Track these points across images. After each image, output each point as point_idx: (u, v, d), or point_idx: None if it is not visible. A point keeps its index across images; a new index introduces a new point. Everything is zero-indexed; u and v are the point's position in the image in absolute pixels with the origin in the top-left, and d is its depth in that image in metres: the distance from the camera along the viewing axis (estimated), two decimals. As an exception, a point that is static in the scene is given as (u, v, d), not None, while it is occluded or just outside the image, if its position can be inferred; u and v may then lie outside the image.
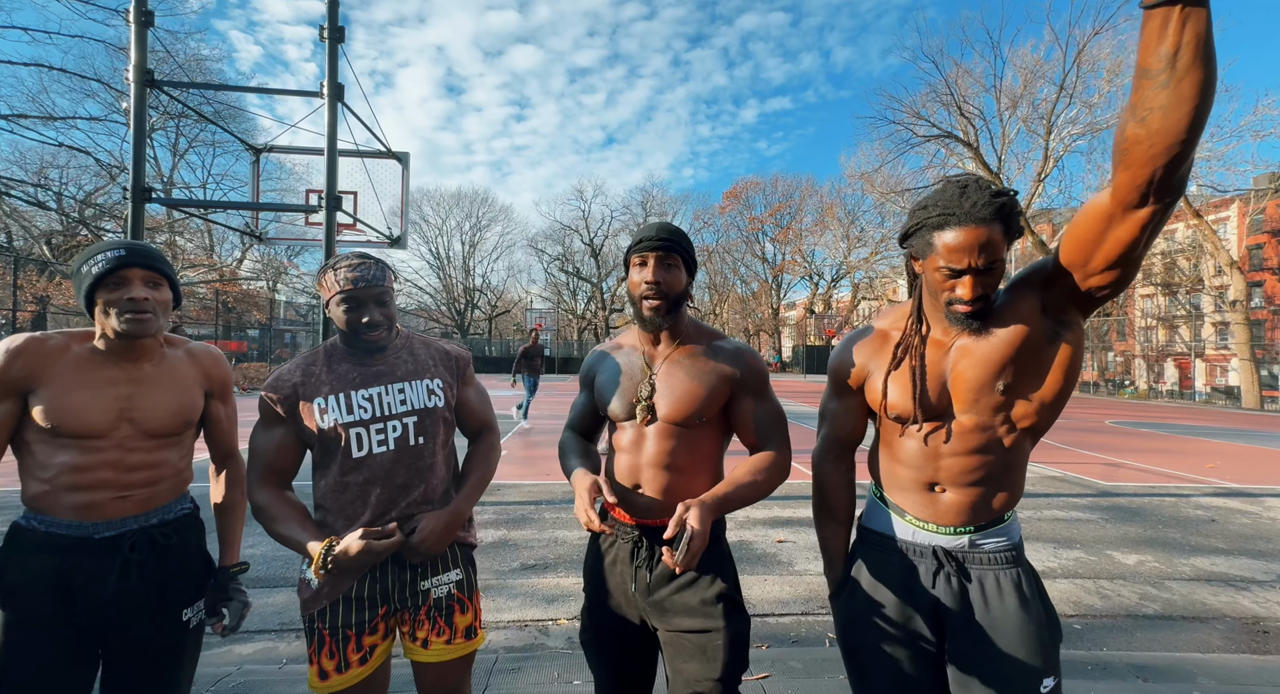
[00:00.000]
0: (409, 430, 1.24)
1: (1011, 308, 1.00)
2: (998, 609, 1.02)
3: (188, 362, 1.30)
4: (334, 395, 1.21)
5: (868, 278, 38.52)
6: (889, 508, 1.15)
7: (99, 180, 18.99)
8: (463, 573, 1.30)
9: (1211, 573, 3.45)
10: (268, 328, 26.44)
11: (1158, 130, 0.73)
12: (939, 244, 0.98)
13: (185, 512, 1.29)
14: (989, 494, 1.05)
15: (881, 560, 1.14)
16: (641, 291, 1.22)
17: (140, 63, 4.51)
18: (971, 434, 1.03)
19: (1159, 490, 5.63)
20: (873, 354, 1.16)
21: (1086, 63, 21.06)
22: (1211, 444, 9.19)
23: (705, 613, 1.17)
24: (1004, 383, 0.99)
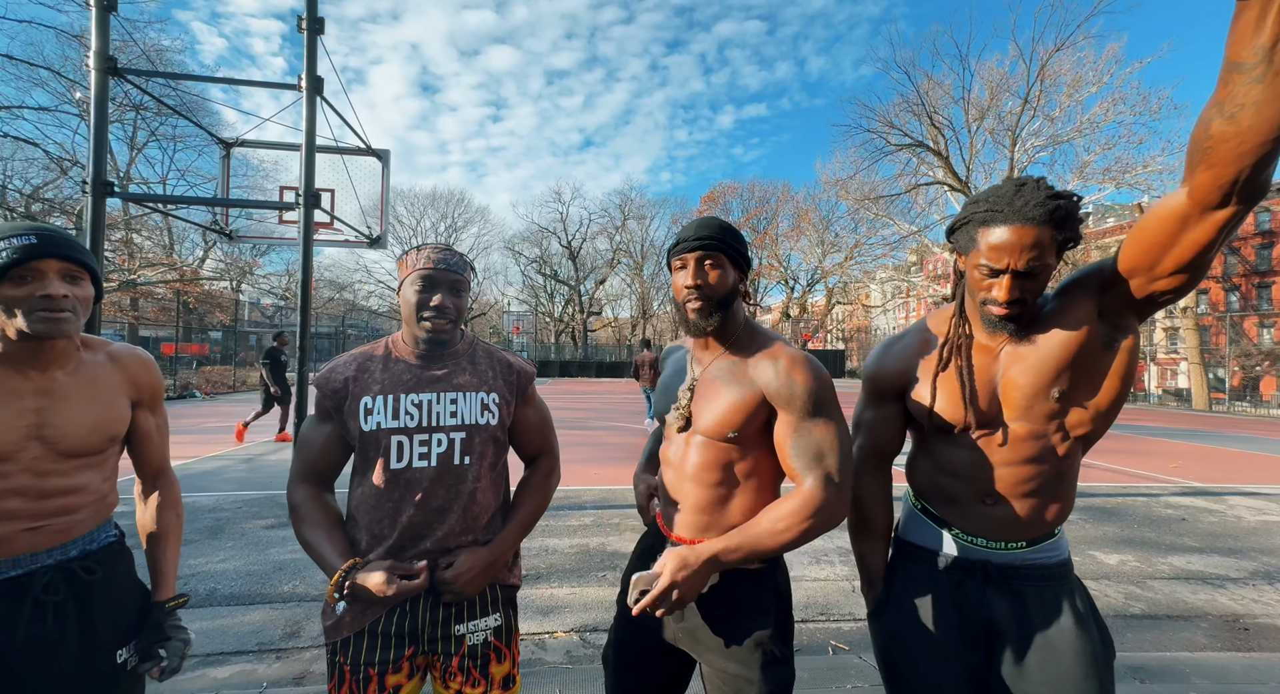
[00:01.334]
0: (455, 447, 1.13)
1: (1066, 312, 0.98)
2: (1053, 628, 0.99)
3: (110, 367, 1.11)
4: (383, 396, 1.11)
5: (842, 283, 39.26)
6: (933, 521, 1.11)
7: (48, 173, 18.01)
8: (502, 618, 1.19)
9: (1189, 571, 3.57)
10: (231, 330, 25.38)
11: (1249, 127, 0.71)
12: (982, 241, 0.96)
13: (110, 540, 1.12)
14: (1042, 506, 1.02)
15: (926, 577, 1.09)
16: (685, 296, 1.11)
17: (102, 49, 4.25)
18: (1024, 443, 1.00)
19: (1130, 491, 5.83)
20: (915, 359, 1.12)
21: (1049, 78, 21.95)
22: (1171, 445, 9.60)
23: (740, 659, 1.05)
24: (1059, 389, 0.97)
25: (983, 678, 1.04)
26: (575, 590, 3.13)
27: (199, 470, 6.13)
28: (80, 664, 1.03)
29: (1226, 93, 0.72)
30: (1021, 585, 1.02)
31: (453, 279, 1.15)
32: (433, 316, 1.12)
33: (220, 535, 3.99)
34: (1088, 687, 0.96)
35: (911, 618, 1.08)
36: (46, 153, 16.77)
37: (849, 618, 2.85)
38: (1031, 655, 0.99)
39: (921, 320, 1.19)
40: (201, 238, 24.89)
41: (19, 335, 0.97)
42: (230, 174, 6.04)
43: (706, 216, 1.16)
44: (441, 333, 1.14)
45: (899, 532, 1.19)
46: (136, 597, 1.16)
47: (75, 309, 0.99)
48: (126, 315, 23.25)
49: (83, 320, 1.02)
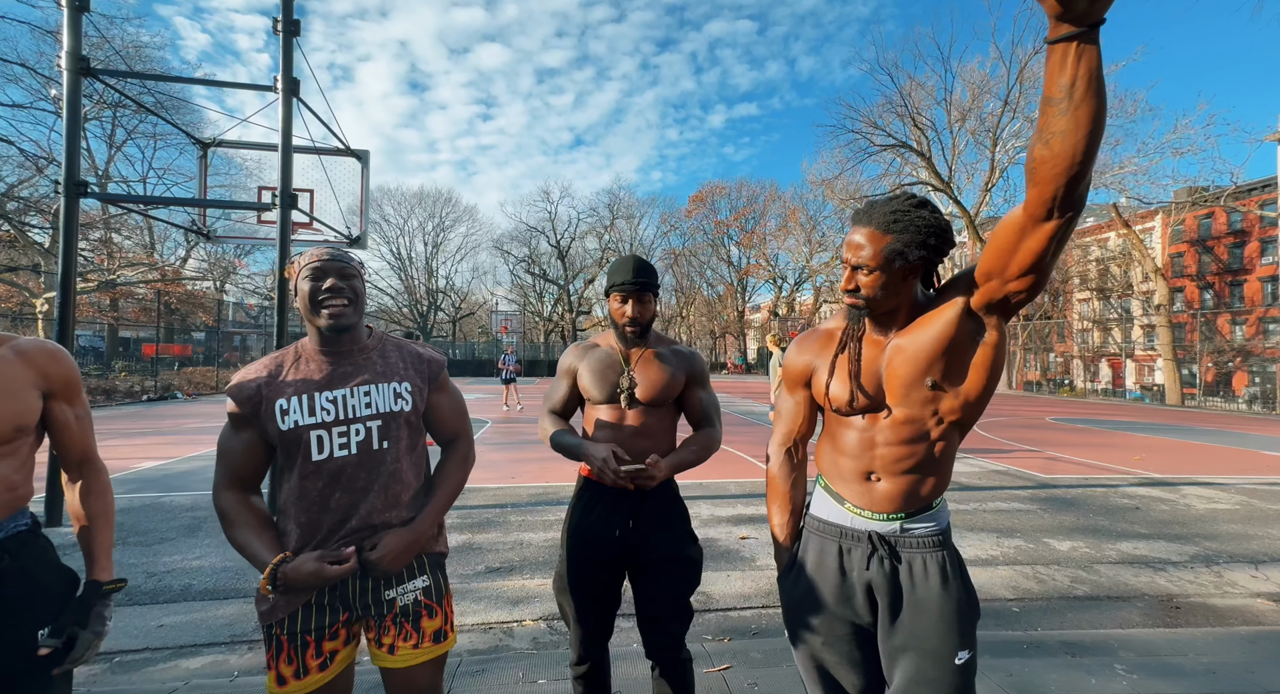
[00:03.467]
0: (372, 434, 1.20)
1: (940, 310, 1.10)
2: (923, 588, 1.11)
3: (14, 360, 1.14)
4: (297, 397, 1.17)
5: (829, 281, 39.64)
6: (830, 496, 1.24)
7: (24, 172, 17.67)
8: (429, 579, 1.27)
9: (1134, 556, 3.74)
10: (215, 330, 25.06)
11: (1059, 152, 0.82)
12: (845, 240, 1.15)
13: (20, 529, 1.13)
14: (919, 482, 1.14)
15: (823, 545, 1.22)
16: (625, 322, 1.61)
17: (74, 50, 4.26)
18: (903, 426, 1.13)
19: (1092, 481, 6.04)
20: (819, 351, 1.26)
21: (1028, 80, 22.34)
22: (1139, 438, 9.89)
23: (678, 544, 1.58)
24: (932, 378, 1.09)
25: (871, 634, 1.18)
26: (545, 582, 3.21)
27: (178, 471, 6.13)
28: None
29: (1044, 122, 0.83)
30: (900, 551, 1.16)
31: (341, 267, 1.20)
32: (328, 297, 1.17)
33: (196, 534, 4.03)
34: (949, 640, 1.08)
35: (810, 581, 1.22)
36: (21, 151, 16.46)
37: (807, 603, 2.97)
38: (905, 613, 1.12)
39: (830, 318, 1.33)
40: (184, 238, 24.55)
41: None
42: (209, 174, 6.03)
43: (635, 258, 1.63)
44: (342, 318, 1.18)
45: (809, 508, 1.32)
46: (58, 583, 1.18)
47: None
48: (106, 316, 22.90)
49: None
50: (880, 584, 1.14)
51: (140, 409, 12.98)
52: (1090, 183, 0.88)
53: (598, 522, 1.57)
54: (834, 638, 1.19)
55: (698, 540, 1.65)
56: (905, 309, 1.14)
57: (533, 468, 6.32)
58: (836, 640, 1.19)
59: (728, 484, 5.60)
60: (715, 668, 2.28)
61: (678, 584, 1.58)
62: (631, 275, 1.58)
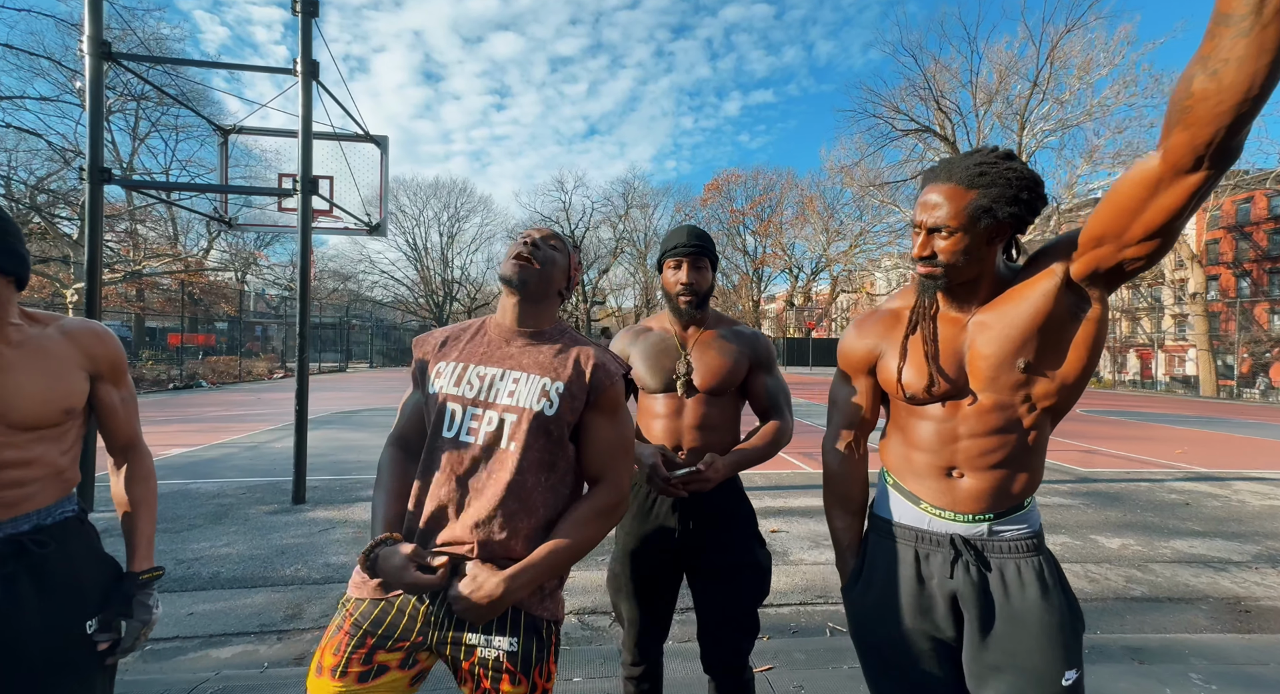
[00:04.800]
0: (503, 428, 1.02)
1: (1032, 281, 0.96)
2: (1019, 599, 0.98)
3: (61, 341, 1.10)
4: (455, 363, 1.09)
5: (846, 271, 38.99)
6: (903, 495, 1.11)
7: (52, 164, 17.98)
8: (519, 644, 1.00)
9: (1191, 555, 3.55)
10: (237, 320, 25.49)
11: (1230, 84, 0.67)
12: (917, 202, 1.00)
13: (67, 515, 1.10)
14: (1009, 478, 1.01)
15: (896, 551, 1.09)
16: (678, 290, 1.47)
17: (95, 34, 4.21)
18: (990, 414, 0.99)
19: (1134, 476, 5.81)
20: (884, 333, 1.12)
21: (1059, 60, 21.52)
22: (1177, 431, 9.54)
23: (744, 548, 1.43)
24: (1025, 360, 0.95)
25: (953, 650, 1.04)
26: (575, 574, 3.14)
27: (204, 458, 6.19)
28: (44, 635, 1.02)
29: (1211, 47, 0.68)
30: (990, 557, 1.02)
31: (549, 234, 1.15)
32: (520, 250, 1.09)
33: (224, 520, 4.03)
34: (1053, 657, 0.95)
35: (882, 591, 1.08)
36: (49, 143, 16.73)
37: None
38: (999, 627, 0.98)
39: (893, 295, 1.19)
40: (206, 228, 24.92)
41: None
42: (229, 162, 6.01)
43: (691, 225, 1.52)
44: (522, 272, 1.08)
45: (873, 507, 1.19)
46: (102, 572, 1.15)
47: None
48: (133, 306, 23.42)
49: None
50: (967, 594, 1.00)
51: (166, 397, 13.24)
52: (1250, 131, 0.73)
53: (654, 521, 1.46)
54: (912, 655, 1.05)
55: (765, 544, 1.49)
56: (988, 280, 1.00)
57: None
58: (915, 657, 1.05)
59: (753, 476, 5.47)
60: (757, 668, 2.18)
61: (742, 594, 1.43)
62: (686, 239, 1.47)
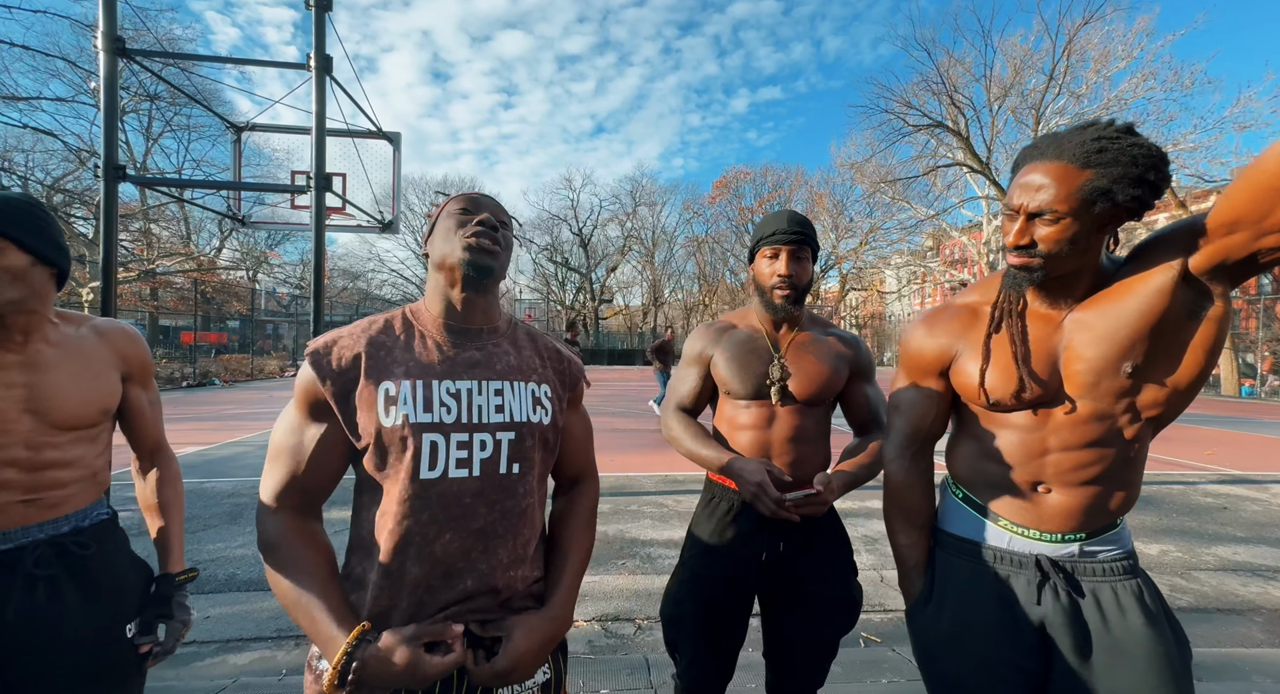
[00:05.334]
0: (501, 451, 0.85)
1: (1144, 275, 0.85)
2: (1120, 628, 0.88)
3: (96, 341, 1.10)
4: (410, 381, 0.82)
5: (855, 268, 38.66)
6: (977, 510, 1.00)
7: (68, 164, 18.20)
8: (551, 670, 0.91)
9: (1236, 562, 3.41)
10: (248, 319, 25.71)
11: None
12: (1013, 183, 0.88)
13: (102, 517, 1.10)
14: (1105, 495, 0.91)
15: (972, 572, 0.98)
16: (774, 283, 1.30)
17: (110, 31, 4.17)
18: (1087, 424, 0.89)
19: (1165, 478, 5.64)
20: (961, 332, 1.00)
21: (1075, 53, 21.12)
22: (1204, 431, 9.31)
23: (840, 580, 1.30)
24: (1132, 364, 0.85)
25: (1039, 684, 0.93)
26: (595, 579, 3.06)
27: (218, 456, 6.18)
28: (87, 638, 1.01)
29: None
30: (1080, 581, 0.92)
31: (496, 207, 0.94)
32: (478, 233, 0.87)
33: (239, 520, 4.00)
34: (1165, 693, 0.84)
35: (956, 617, 0.98)
36: (65, 144, 16.92)
37: (879, 609, 2.75)
38: (1097, 660, 0.88)
39: (966, 289, 1.07)
40: (218, 228, 25.13)
41: None
42: (242, 159, 5.99)
43: (790, 210, 1.34)
44: (486, 256, 0.87)
45: (939, 522, 1.09)
46: (137, 574, 1.14)
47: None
48: (147, 305, 23.66)
49: (15, 293, 0.97)
50: (1058, 622, 0.90)
51: (180, 395, 13.33)
52: None
53: (739, 541, 1.28)
54: (993, 687, 0.94)
55: (857, 572, 1.35)
56: (1089, 273, 0.89)
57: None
58: (996, 691, 0.94)
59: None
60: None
61: (830, 629, 1.28)
62: (786, 225, 1.29)
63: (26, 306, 0.99)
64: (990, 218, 24.08)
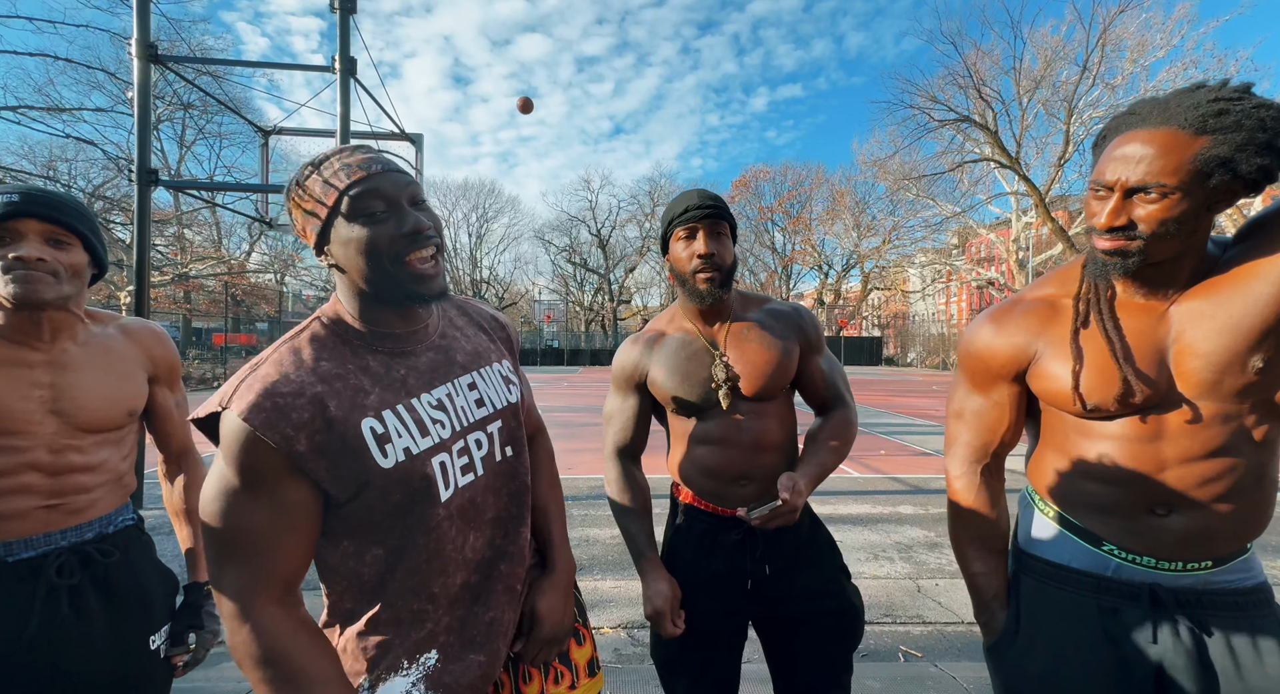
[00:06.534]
0: (495, 443, 0.85)
1: (1267, 257, 0.75)
2: (1256, 675, 0.77)
3: (123, 341, 1.07)
4: (390, 410, 0.73)
5: (878, 267, 37.93)
6: (1073, 531, 0.88)
7: (107, 173, 18.92)
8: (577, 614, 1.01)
9: (1302, 577, 3.19)
10: (276, 320, 26.39)
11: None
12: (1104, 156, 0.77)
13: (127, 524, 1.07)
14: (1235, 514, 0.79)
15: (1071, 603, 0.87)
16: (694, 266, 1.14)
17: (143, 38, 4.28)
18: (1209, 429, 0.77)
19: None
20: (1039, 329, 0.89)
21: (1110, 43, 20.37)
22: None
23: (832, 591, 1.17)
24: (1262, 357, 0.74)
25: None
26: (619, 583, 3.00)
27: (247, 455, 6.29)
28: (111, 649, 0.99)
29: None
30: (1205, 617, 0.80)
31: (406, 184, 0.73)
32: (420, 243, 0.72)
33: (266, 520, 4.04)
34: None
35: (1051, 655, 0.87)
36: (104, 152, 17.57)
37: (917, 621, 2.63)
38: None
39: (1039, 281, 0.95)
40: (248, 232, 25.83)
41: (8, 301, 0.91)
42: (269, 163, 6.11)
43: (699, 188, 1.19)
44: (437, 284, 0.75)
45: (1021, 543, 0.97)
46: (161, 583, 1.11)
47: (59, 274, 0.93)
48: (180, 307, 24.45)
49: (71, 288, 0.95)
50: (1179, 666, 0.79)
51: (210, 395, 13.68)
52: None
53: (719, 568, 1.16)
54: None
55: (851, 576, 1.24)
56: (1194, 257, 0.79)
57: (589, 459, 6.15)
58: None
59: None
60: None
61: (835, 647, 1.16)
62: (697, 200, 1.14)
63: (69, 304, 0.98)
64: (1020, 214, 23.40)
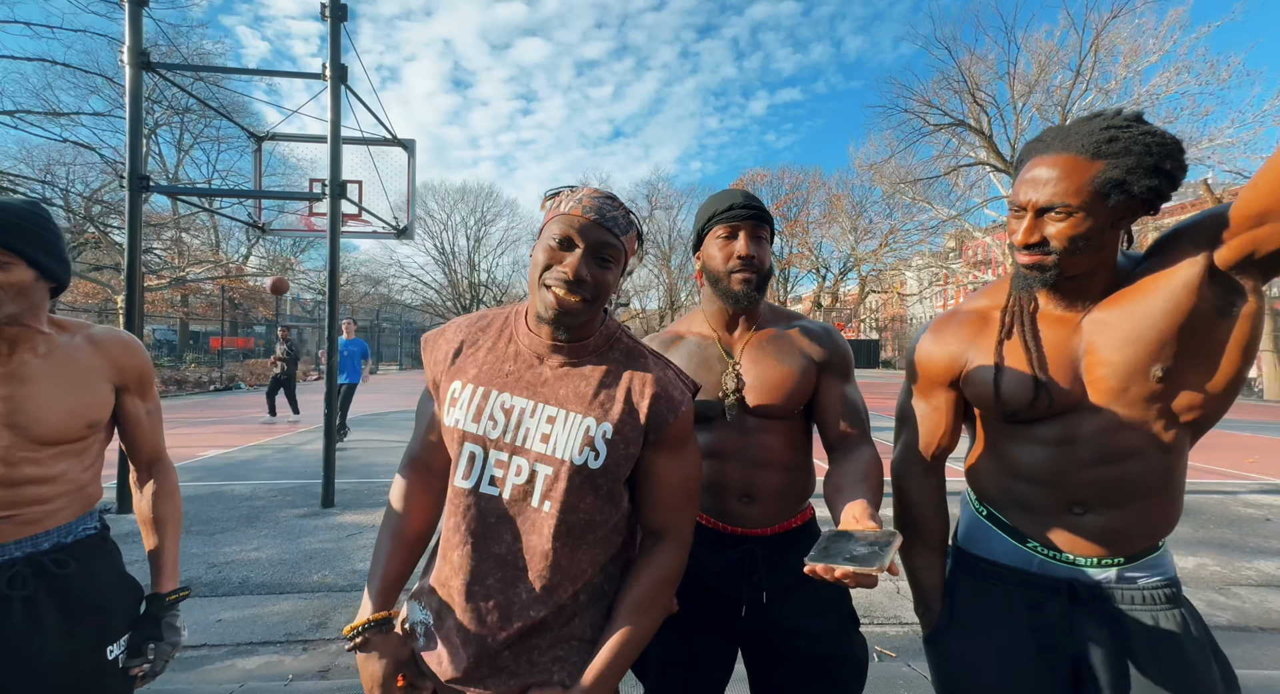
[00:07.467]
0: (535, 483, 0.80)
1: (1169, 271, 0.80)
2: (1161, 663, 0.81)
3: (89, 351, 1.06)
4: (474, 386, 0.84)
5: (875, 270, 38.04)
6: (1004, 530, 0.94)
7: (105, 177, 18.92)
8: None
9: (1279, 578, 3.22)
10: (274, 324, 26.39)
11: None
12: (1019, 179, 0.84)
13: (88, 533, 1.06)
14: (1144, 514, 0.84)
15: (997, 597, 0.93)
16: (733, 266, 1.08)
17: (135, 46, 4.32)
18: (1118, 434, 0.83)
19: (1204, 487, 5.39)
20: (971, 338, 0.95)
21: (1103, 48, 20.51)
22: (1245, 438, 8.89)
23: (834, 636, 1.07)
24: (1162, 366, 0.79)
25: None
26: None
27: (240, 459, 6.31)
28: (66, 661, 0.97)
29: None
30: (1119, 610, 0.85)
31: (602, 239, 0.80)
32: (558, 281, 0.79)
33: (255, 523, 4.06)
34: None
35: (979, 646, 0.92)
36: (102, 157, 17.59)
37: (894, 622, 2.66)
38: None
39: (976, 293, 1.01)
40: (245, 235, 25.87)
41: None
42: (266, 172, 6.14)
43: (740, 189, 1.14)
44: (570, 311, 0.80)
45: (960, 541, 1.03)
46: (124, 592, 1.10)
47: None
48: (178, 311, 24.45)
49: (16, 307, 0.96)
50: (1093, 655, 0.84)
51: (207, 399, 13.70)
52: None
53: (713, 590, 1.08)
54: None
55: (859, 622, 1.12)
56: (1106, 272, 0.84)
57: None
58: None
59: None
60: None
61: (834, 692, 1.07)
62: (744, 199, 1.09)
63: (21, 320, 0.97)
64: (1015, 217, 23.44)
